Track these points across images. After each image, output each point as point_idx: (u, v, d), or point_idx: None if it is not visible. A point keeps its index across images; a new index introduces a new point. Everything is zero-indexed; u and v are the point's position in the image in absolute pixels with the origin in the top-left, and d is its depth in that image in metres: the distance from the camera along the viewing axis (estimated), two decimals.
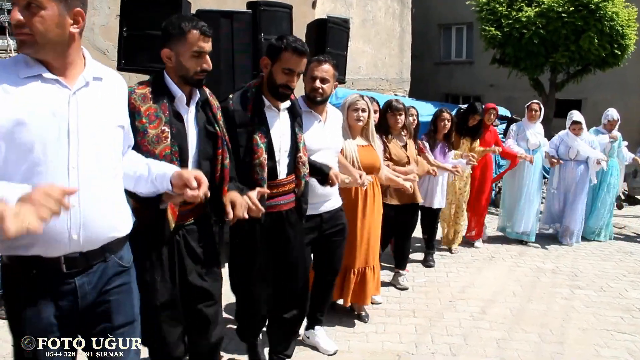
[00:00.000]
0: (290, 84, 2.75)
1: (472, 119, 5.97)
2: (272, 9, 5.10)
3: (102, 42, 6.04)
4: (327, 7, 11.12)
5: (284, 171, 2.89)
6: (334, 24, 5.68)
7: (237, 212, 2.33)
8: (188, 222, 2.42)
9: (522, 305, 4.63)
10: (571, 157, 6.61)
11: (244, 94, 2.76)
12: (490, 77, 15.31)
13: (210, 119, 2.44)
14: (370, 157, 3.94)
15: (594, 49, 10.71)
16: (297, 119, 2.96)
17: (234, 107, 2.70)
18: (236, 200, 2.35)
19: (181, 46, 2.28)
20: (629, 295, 4.93)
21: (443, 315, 4.39)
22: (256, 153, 2.69)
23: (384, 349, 3.79)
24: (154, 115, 2.25)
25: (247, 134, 2.69)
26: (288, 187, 2.93)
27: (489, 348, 3.82)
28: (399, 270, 5.07)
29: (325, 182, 3.12)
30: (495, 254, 6.16)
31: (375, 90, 12.52)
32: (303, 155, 2.93)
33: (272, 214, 2.87)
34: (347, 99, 3.92)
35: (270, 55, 2.75)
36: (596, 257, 6.21)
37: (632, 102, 13.98)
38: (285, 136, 2.88)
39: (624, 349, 3.86)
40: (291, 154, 2.91)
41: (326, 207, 3.37)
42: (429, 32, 18.09)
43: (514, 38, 11.33)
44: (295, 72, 2.73)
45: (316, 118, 3.32)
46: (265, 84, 2.80)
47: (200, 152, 2.39)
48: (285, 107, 2.88)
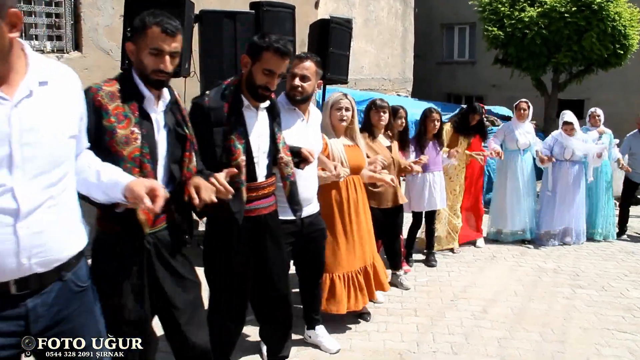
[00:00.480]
0: (270, 86, 2.63)
1: (472, 119, 5.97)
2: (275, 9, 5.13)
3: (106, 42, 6.07)
4: (330, 7, 11.14)
5: (263, 173, 2.79)
6: (336, 24, 5.71)
7: (203, 195, 2.17)
8: (159, 227, 2.26)
9: (524, 305, 4.65)
10: (566, 157, 6.54)
11: (222, 92, 2.64)
12: (492, 77, 15.33)
13: (179, 121, 2.30)
14: (357, 158, 3.88)
15: (596, 49, 10.73)
16: (277, 119, 2.84)
17: (210, 105, 2.58)
18: (200, 184, 2.20)
19: (141, 41, 2.16)
20: (630, 295, 4.95)
21: (445, 314, 4.41)
22: (234, 154, 2.58)
23: (386, 347, 3.81)
24: (123, 115, 2.10)
25: (224, 134, 2.57)
26: (268, 190, 2.83)
27: (490, 347, 3.84)
28: (395, 271, 5.03)
29: (300, 162, 2.98)
30: (497, 253, 6.18)
31: (378, 90, 12.54)
32: (285, 156, 2.83)
33: (251, 219, 2.75)
34: (330, 98, 3.81)
35: (251, 53, 2.64)
36: (598, 256, 6.22)
37: (635, 102, 13.96)
38: (264, 137, 2.77)
39: (625, 348, 3.88)
40: (270, 156, 2.82)
41: (307, 212, 3.26)
42: (431, 32, 18.11)
43: (517, 38, 11.36)
44: (276, 73, 2.61)
45: (299, 116, 3.24)
46: (244, 82, 2.68)
47: (170, 155, 2.26)
48: (264, 107, 2.77)
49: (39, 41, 5.81)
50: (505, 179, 6.57)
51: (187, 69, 4.84)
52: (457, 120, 6.14)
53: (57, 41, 5.94)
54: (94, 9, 6.04)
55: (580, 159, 6.57)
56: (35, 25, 5.74)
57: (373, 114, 4.55)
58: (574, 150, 6.48)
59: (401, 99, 11.00)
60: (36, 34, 5.76)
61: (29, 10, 5.70)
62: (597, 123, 7.06)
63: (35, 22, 5.74)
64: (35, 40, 5.77)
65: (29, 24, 5.73)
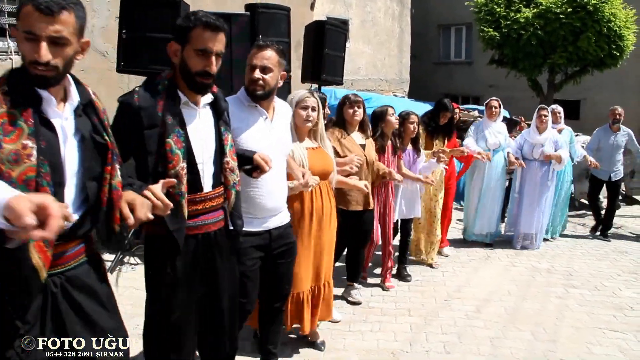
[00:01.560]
0: (209, 69, 2.18)
1: (443, 117, 5.59)
2: (271, 11, 5.15)
3: (102, 44, 6.10)
4: (327, 7, 11.18)
5: (210, 182, 2.33)
6: (331, 26, 5.74)
7: (139, 214, 1.80)
8: (69, 265, 1.81)
9: (517, 304, 4.68)
10: (535, 157, 6.34)
11: (154, 88, 2.20)
12: (489, 78, 15.37)
13: (96, 126, 1.85)
14: (322, 162, 3.46)
15: (592, 49, 10.79)
16: (223, 116, 2.40)
17: (140, 103, 2.13)
18: (135, 200, 1.84)
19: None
20: (623, 294, 4.99)
21: (438, 314, 4.44)
22: (171, 161, 2.13)
23: (379, 347, 3.84)
24: (11, 125, 1.62)
25: (159, 137, 2.13)
26: (216, 201, 2.36)
27: (483, 346, 3.87)
28: (352, 282, 4.66)
29: (253, 170, 2.54)
30: (492, 253, 6.22)
31: (375, 90, 12.58)
32: (231, 161, 2.39)
33: (198, 237, 2.30)
34: (294, 95, 3.37)
35: (177, 38, 2.20)
36: (592, 256, 6.26)
37: (630, 103, 13.97)
38: (209, 139, 2.33)
39: (616, 347, 3.92)
40: (217, 161, 2.36)
41: (275, 223, 2.89)
42: (428, 32, 18.16)
43: (512, 39, 11.42)
44: (212, 52, 2.17)
45: (261, 114, 2.81)
46: (178, 75, 2.24)
47: (85, 171, 1.81)
48: (206, 103, 2.33)
49: None
50: (475, 179, 6.41)
51: None
52: (427, 120, 5.64)
53: None
54: (90, 11, 6.06)
55: (550, 160, 6.35)
56: None
57: (346, 109, 4.22)
58: (543, 148, 6.29)
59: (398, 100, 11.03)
60: None
61: None
62: (558, 120, 6.81)
63: None
64: None
65: None
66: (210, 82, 2.24)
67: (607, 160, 7.02)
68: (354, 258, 4.59)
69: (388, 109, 4.73)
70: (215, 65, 2.20)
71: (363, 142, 4.33)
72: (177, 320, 2.29)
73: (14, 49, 5.55)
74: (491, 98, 6.45)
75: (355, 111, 4.20)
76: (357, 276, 4.68)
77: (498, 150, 6.30)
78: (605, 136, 7.13)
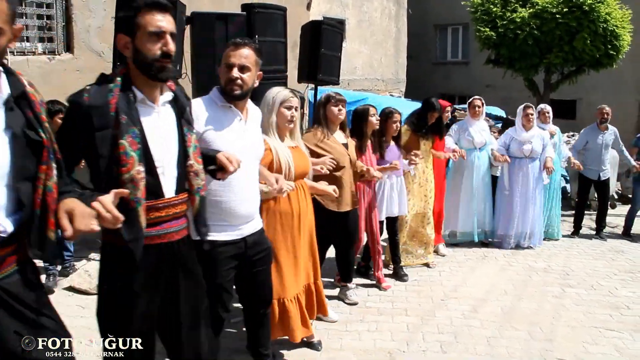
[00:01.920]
0: (167, 49, 2.03)
1: (431, 117, 5.42)
2: (267, 11, 5.16)
3: (98, 44, 6.09)
4: (323, 7, 11.18)
5: (172, 187, 2.13)
6: (328, 26, 5.74)
7: (78, 224, 1.61)
8: (3, 274, 1.68)
9: (513, 304, 4.69)
10: (526, 154, 6.26)
11: (106, 85, 2.01)
12: (486, 78, 15.41)
13: (31, 121, 1.69)
14: (302, 162, 3.38)
15: (587, 49, 10.82)
16: (184, 115, 2.21)
17: (91, 102, 1.95)
18: (75, 209, 1.64)
19: None
20: (619, 294, 5.00)
21: (435, 313, 4.44)
22: (125, 165, 1.95)
23: (376, 346, 3.84)
24: None
25: (111, 139, 1.95)
26: (180, 208, 2.18)
27: (479, 346, 3.88)
28: (346, 283, 4.63)
29: (217, 171, 2.35)
30: (488, 253, 6.22)
31: (371, 90, 12.59)
32: (195, 163, 2.20)
33: (160, 247, 2.12)
34: (276, 94, 3.23)
35: (125, 29, 2.05)
36: (588, 255, 6.27)
37: (626, 103, 14.09)
38: (170, 140, 2.14)
39: (612, 346, 3.93)
40: (180, 164, 2.17)
41: (250, 229, 2.78)
42: (425, 32, 18.19)
43: (509, 39, 11.44)
44: (166, 32, 2.02)
45: (236, 115, 2.69)
46: (133, 69, 2.07)
47: (17, 171, 1.65)
48: (166, 101, 2.15)
49: (30, 43, 5.82)
50: (461, 178, 6.28)
51: (178, 70, 4.85)
52: (415, 120, 5.51)
53: (49, 43, 5.96)
54: (86, 11, 6.06)
55: (538, 156, 6.34)
56: (26, 27, 5.75)
57: (331, 107, 4.09)
58: (533, 146, 6.24)
59: (394, 100, 11.05)
60: (27, 36, 5.78)
61: (20, 12, 5.70)
62: (547, 120, 6.73)
63: (26, 23, 5.75)
64: (26, 42, 5.79)
65: None
66: (169, 65, 2.06)
67: (595, 160, 7.00)
68: (344, 259, 4.51)
69: (370, 108, 4.66)
70: (172, 45, 2.04)
71: (345, 141, 4.27)
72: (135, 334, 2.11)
73: None
74: (474, 97, 6.38)
75: (340, 110, 4.11)
76: (349, 276, 4.62)
77: (483, 148, 6.28)
78: (593, 135, 7.09)
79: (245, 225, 2.74)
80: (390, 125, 4.91)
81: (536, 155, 6.33)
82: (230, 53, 2.62)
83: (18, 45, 5.68)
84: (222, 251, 2.66)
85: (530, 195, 6.35)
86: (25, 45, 5.71)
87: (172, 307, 2.21)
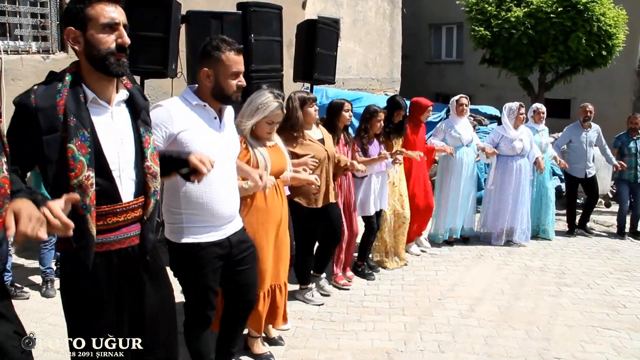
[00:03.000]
0: (122, 41, 1.93)
1: (397, 115, 5.34)
2: (262, 9, 5.14)
3: None
4: (318, 7, 11.17)
5: (131, 190, 2.04)
6: (323, 25, 5.73)
7: (22, 227, 1.52)
8: None
9: (510, 303, 4.69)
10: (518, 152, 6.29)
11: (54, 85, 1.90)
12: (480, 77, 15.42)
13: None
14: (279, 160, 3.37)
15: (582, 49, 10.83)
16: (141, 115, 2.10)
17: (38, 104, 1.84)
18: (21, 210, 1.54)
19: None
20: (615, 292, 5.01)
21: (432, 313, 4.43)
22: (73, 170, 1.85)
23: (374, 346, 3.83)
24: None
25: (60, 143, 1.85)
26: (139, 212, 2.09)
27: (477, 345, 3.87)
28: (318, 274, 4.69)
29: (191, 174, 2.24)
30: (484, 252, 6.22)
31: (366, 90, 12.58)
32: (153, 165, 2.10)
33: (120, 252, 2.04)
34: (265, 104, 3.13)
35: (74, 22, 1.93)
36: (584, 254, 6.28)
37: (621, 102, 14.12)
38: (126, 141, 2.03)
39: (609, 344, 3.93)
40: (138, 166, 2.07)
41: (233, 229, 2.75)
42: (419, 32, 18.18)
43: (503, 38, 11.44)
44: (119, 23, 1.93)
45: (211, 114, 2.61)
46: (84, 66, 1.96)
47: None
48: (120, 100, 2.04)
49: (24, 42, 5.77)
50: (449, 176, 6.20)
51: (174, 69, 4.83)
52: None
53: (43, 42, 5.92)
54: None
55: (526, 154, 6.38)
56: (20, 25, 5.71)
57: (307, 109, 4.07)
58: (524, 145, 6.27)
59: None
60: (21, 35, 5.73)
61: (14, 10, 5.67)
62: (541, 119, 6.76)
63: (20, 22, 5.70)
64: (20, 41, 5.74)
65: (14, 25, 5.69)
66: (126, 61, 1.96)
67: (581, 158, 7.02)
68: (324, 252, 4.59)
69: (345, 104, 4.62)
70: (126, 35, 1.95)
71: (320, 136, 4.23)
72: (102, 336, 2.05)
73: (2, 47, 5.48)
74: (460, 95, 6.32)
75: (316, 109, 4.13)
76: (323, 268, 4.70)
77: (470, 144, 6.24)
78: (577, 133, 7.11)
79: (228, 224, 2.72)
80: (374, 123, 4.94)
81: (525, 153, 6.38)
82: (235, 59, 2.56)
83: (12, 44, 5.63)
84: (207, 252, 2.64)
85: (520, 192, 6.38)
86: (19, 44, 5.66)
87: (137, 311, 2.13)
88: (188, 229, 2.62)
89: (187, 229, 2.62)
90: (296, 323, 4.14)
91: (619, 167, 6.99)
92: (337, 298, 4.68)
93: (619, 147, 7.28)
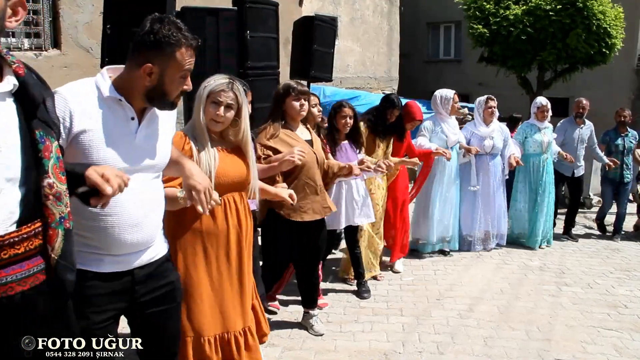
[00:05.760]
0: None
1: (390, 114, 4.94)
2: (259, 6, 5.07)
3: (86, 39, 5.98)
4: (315, 5, 11.11)
5: (11, 218, 1.40)
6: (321, 22, 5.66)
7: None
8: None
9: (510, 303, 4.63)
10: (487, 150, 5.92)
11: None
12: (479, 76, 15.38)
13: None
14: (237, 168, 2.63)
15: (581, 47, 10.82)
16: (39, 111, 1.48)
17: None
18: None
19: None
20: (616, 292, 4.95)
21: (430, 313, 4.37)
22: None
23: (371, 348, 3.76)
24: None
25: None
26: (25, 246, 1.43)
27: (476, 346, 3.81)
28: (309, 310, 3.97)
29: (91, 196, 1.58)
30: (483, 251, 6.16)
31: (364, 88, 12.54)
32: (57, 183, 1.47)
33: None
34: (208, 82, 2.56)
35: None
36: (583, 254, 6.23)
37: (619, 100, 14.08)
38: (9, 149, 1.40)
39: (610, 345, 3.87)
40: (28, 182, 1.44)
41: (142, 260, 2.02)
42: (417, 30, 18.15)
43: (502, 36, 11.42)
44: None
45: (128, 113, 1.92)
46: None
47: None
48: (4, 91, 1.41)
49: (16, 38, 5.70)
50: (432, 182, 5.74)
51: None
52: (373, 117, 4.96)
53: (35, 39, 5.85)
54: (73, 6, 5.96)
55: (499, 152, 6.03)
56: None
57: (291, 101, 3.52)
58: (494, 142, 5.93)
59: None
60: (13, 32, 5.66)
61: None
62: (546, 117, 6.37)
63: None
64: (12, 38, 5.67)
65: None
66: None
67: (572, 155, 6.65)
68: (308, 280, 3.87)
69: (313, 98, 4.20)
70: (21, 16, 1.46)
71: (309, 137, 3.70)
72: None
73: None
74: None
75: (302, 104, 3.52)
76: (314, 302, 3.96)
77: (454, 147, 5.80)
78: (571, 129, 6.84)
79: (134, 254, 1.99)
80: (338, 120, 4.36)
81: (497, 152, 6.03)
82: (191, 55, 1.92)
83: (3, 40, 5.55)
84: (92, 286, 1.90)
85: (492, 194, 6.03)
86: (11, 40, 5.59)
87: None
88: (77, 252, 1.71)
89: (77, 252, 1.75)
90: (292, 324, 4.08)
91: (612, 166, 6.80)
92: (334, 299, 4.61)
93: (607, 143, 7.14)
